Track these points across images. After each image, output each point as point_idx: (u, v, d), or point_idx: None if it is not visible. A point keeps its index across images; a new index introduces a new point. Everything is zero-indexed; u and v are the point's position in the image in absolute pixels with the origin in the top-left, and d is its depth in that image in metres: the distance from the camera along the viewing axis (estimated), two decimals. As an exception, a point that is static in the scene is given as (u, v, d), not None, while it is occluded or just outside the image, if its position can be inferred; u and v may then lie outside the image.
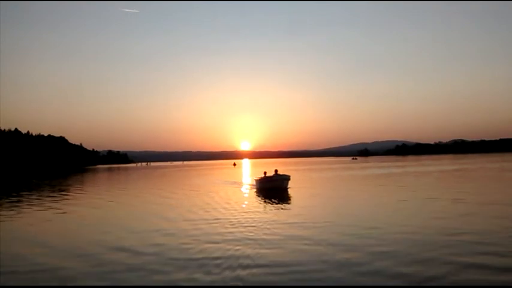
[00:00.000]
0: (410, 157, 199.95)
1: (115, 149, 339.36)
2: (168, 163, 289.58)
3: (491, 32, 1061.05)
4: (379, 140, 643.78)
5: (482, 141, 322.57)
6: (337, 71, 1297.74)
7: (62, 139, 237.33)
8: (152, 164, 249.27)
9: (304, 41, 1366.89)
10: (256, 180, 30.38)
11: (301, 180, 39.85)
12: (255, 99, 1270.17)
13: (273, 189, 26.79)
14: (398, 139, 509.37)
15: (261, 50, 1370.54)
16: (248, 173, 70.68)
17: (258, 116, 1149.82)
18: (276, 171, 29.69)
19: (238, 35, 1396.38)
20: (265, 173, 30.97)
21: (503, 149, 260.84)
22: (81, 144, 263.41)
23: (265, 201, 21.81)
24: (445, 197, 20.31)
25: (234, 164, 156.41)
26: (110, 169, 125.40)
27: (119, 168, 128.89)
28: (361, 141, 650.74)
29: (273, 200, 21.95)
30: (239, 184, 37.54)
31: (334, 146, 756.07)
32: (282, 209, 18.68)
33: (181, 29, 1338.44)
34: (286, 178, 28.16)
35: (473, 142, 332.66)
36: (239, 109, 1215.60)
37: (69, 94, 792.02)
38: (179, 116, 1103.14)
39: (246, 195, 26.65)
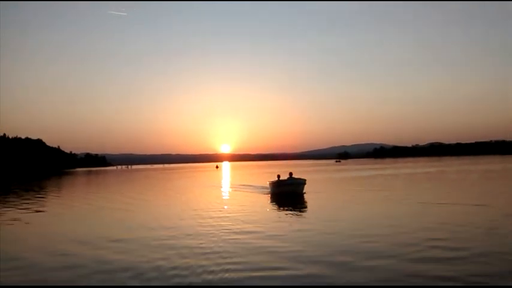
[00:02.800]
0: (388, 160, 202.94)
1: (93, 151, 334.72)
2: (149, 166, 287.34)
3: (468, 37, 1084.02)
4: (358, 143, 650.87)
5: (458, 144, 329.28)
6: (315, 75, 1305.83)
7: (39, 142, 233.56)
8: (133, 167, 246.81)
9: (284, 44, 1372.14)
10: (269, 184, 28.26)
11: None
12: (235, 102, 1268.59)
13: (287, 195, 24.49)
14: (377, 142, 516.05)
15: (241, 53, 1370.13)
16: (228, 175, 71.05)
17: (238, 119, 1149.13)
18: (290, 174, 27.08)
19: (218, 39, 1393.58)
20: (278, 176, 28.28)
21: (478, 152, 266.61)
22: (58, 147, 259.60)
23: (280, 208, 19.88)
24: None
25: (217, 167, 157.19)
26: (89, 172, 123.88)
27: (97, 172, 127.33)
28: (340, 144, 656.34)
29: (287, 208, 19.69)
30: (241, 187, 36.20)
31: (314, 148, 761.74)
32: (302, 222, 15.92)
33: (160, 33, 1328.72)
34: (302, 182, 25.90)
35: (449, 145, 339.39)
36: (219, 112, 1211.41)
37: (46, 96, 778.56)
38: (158, 119, 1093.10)
39: (260, 202, 23.35)
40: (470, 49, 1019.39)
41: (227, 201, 25.40)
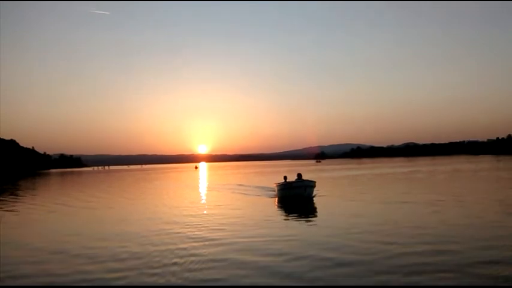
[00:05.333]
0: (365, 160, 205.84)
1: (67, 152, 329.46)
2: (126, 167, 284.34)
3: (446, 38, 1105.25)
4: (335, 144, 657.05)
5: (433, 145, 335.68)
6: (292, 76, 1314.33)
7: (12, 142, 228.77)
8: (110, 168, 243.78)
9: (261, 46, 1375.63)
10: (276, 186, 25.45)
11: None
12: (212, 103, 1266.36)
13: (294, 198, 21.87)
14: (353, 142, 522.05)
15: (218, 54, 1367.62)
16: (205, 176, 71.19)
17: (215, 120, 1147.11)
18: (298, 175, 23.70)
19: (195, 40, 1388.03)
20: (285, 177, 25.74)
21: (452, 152, 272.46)
22: (33, 147, 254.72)
23: (287, 214, 17.75)
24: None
25: (196, 167, 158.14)
26: (64, 173, 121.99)
27: (72, 173, 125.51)
28: (317, 145, 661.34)
29: (296, 214, 17.59)
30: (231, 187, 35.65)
31: (291, 149, 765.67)
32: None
33: (138, 34, 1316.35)
34: (310, 184, 22.70)
35: (424, 145, 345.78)
36: (196, 113, 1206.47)
37: (19, 95, 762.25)
38: (134, 119, 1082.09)
39: (266, 207, 20.98)
40: (446, 51, 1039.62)
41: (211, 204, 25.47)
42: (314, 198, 22.23)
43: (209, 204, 22.92)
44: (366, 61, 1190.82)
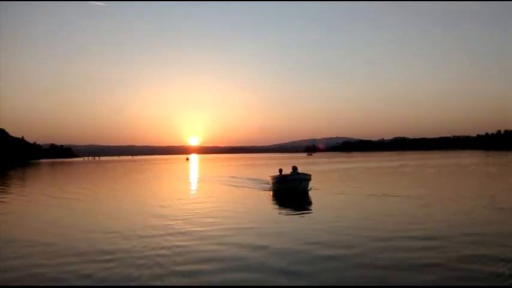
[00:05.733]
0: (355, 153, 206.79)
1: (58, 142, 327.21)
2: (116, 157, 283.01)
3: (437, 35, 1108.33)
4: (325, 137, 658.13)
5: (423, 139, 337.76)
6: (284, 70, 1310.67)
7: (2, 131, 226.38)
8: (101, 158, 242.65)
9: (254, 40, 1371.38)
10: (271, 179, 24.99)
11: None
12: (204, 95, 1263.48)
13: (288, 191, 21.51)
14: (344, 136, 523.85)
15: (212, 47, 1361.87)
16: (197, 168, 71.22)
17: (207, 112, 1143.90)
18: (294, 168, 23.46)
19: (189, 31, 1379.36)
20: (280, 170, 25.13)
21: (441, 147, 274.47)
22: (22, 137, 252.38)
23: (279, 207, 17.79)
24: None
25: (187, 159, 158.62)
26: (54, 164, 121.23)
27: (63, 163, 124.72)
28: (308, 138, 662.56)
29: (289, 207, 17.39)
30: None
31: (282, 142, 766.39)
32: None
33: (131, 23, 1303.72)
34: (306, 178, 22.49)
35: (414, 139, 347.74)
36: (187, 104, 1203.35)
37: (10, 84, 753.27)
38: (126, 110, 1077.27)
39: (260, 200, 20.97)
40: (437, 47, 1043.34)
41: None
42: (309, 192, 21.98)
43: (201, 197, 22.83)
44: (357, 56, 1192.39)
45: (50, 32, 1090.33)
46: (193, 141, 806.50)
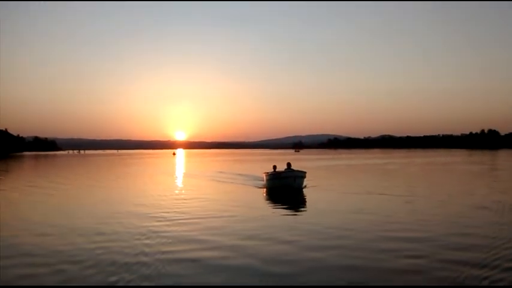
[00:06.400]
0: (342, 150, 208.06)
1: (41, 135, 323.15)
2: (101, 151, 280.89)
3: (423, 33, 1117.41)
4: (312, 134, 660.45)
5: (408, 137, 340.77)
6: (272, 66, 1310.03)
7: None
8: (85, 152, 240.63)
9: (241, 35, 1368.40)
10: (265, 176, 24.16)
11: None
12: (191, 90, 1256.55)
13: (282, 189, 20.97)
14: (330, 133, 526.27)
15: (197, 40, 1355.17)
16: (184, 163, 71.02)
17: (193, 107, 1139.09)
18: (288, 164, 23.05)
19: (176, 23, 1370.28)
20: (274, 167, 24.68)
21: (427, 145, 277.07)
22: (6, 129, 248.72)
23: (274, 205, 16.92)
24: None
25: (174, 154, 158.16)
26: (38, 157, 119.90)
27: (47, 156, 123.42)
28: (295, 134, 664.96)
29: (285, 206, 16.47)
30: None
31: (269, 138, 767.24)
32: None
33: (115, 16, 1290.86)
34: (300, 175, 21.88)
35: (399, 138, 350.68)
36: (174, 99, 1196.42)
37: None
38: (111, 103, 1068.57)
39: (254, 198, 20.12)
40: (422, 45, 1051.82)
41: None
42: (304, 190, 21.48)
43: (192, 194, 22.30)
44: (345, 54, 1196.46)
45: (31, 23, 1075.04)
46: (180, 136, 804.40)
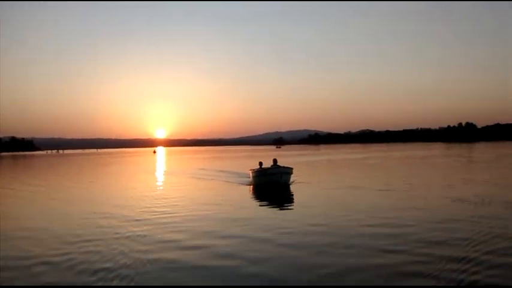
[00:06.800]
0: (323, 146, 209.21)
1: (18, 135, 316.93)
2: (80, 151, 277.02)
3: (397, 29, 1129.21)
4: (293, 130, 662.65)
5: (388, 132, 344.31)
6: (252, 63, 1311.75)
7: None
8: (65, 151, 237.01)
9: (221, 32, 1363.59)
10: (251, 173, 24.03)
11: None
12: (170, 88, 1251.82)
13: (269, 185, 20.89)
14: (311, 129, 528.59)
15: (177, 40, 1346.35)
16: (164, 160, 70.62)
17: (173, 105, 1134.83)
18: (274, 161, 22.93)
19: (153, 23, 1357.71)
20: (260, 163, 24.32)
21: (406, 139, 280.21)
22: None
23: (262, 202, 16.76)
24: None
25: (154, 152, 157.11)
26: (15, 157, 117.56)
27: (25, 157, 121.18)
28: (275, 130, 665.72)
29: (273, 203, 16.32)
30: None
31: (249, 134, 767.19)
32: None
33: (96, 15, 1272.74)
34: (287, 171, 21.72)
35: (379, 132, 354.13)
36: (153, 97, 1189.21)
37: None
38: (89, 102, 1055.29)
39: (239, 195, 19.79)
40: (401, 42, 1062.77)
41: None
42: (291, 186, 21.34)
43: (175, 192, 22.33)
44: (325, 50, 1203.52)
45: (10, 22, 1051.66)
46: (160, 134, 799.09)
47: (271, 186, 20.62)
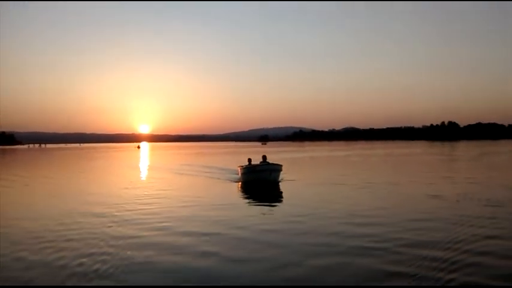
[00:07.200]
0: (307, 143, 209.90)
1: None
2: (63, 145, 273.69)
3: (380, 29, 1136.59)
4: (278, 126, 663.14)
5: (371, 130, 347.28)
6: (238, 59, 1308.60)
7: None
8: (47, 146, 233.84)
9: (206, 28, 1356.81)
10: (240, 170, 23.42)
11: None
12: (155, 83, 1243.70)
13: (258, 182, 20.36)
14: (296, 125, 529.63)
15: (161, 36, 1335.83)
16: (148, 156, 70.16)
17: (157, 100, 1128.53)
18: (263, 157, 22.42)
19: (138, 18, 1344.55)
20: (249, 160, 24.21)
21: (389, 137, 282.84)
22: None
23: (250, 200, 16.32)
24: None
25: (138, 147, 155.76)
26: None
27: (4, 151, 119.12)
28: (260, 127, 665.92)
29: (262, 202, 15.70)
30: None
31: (234, 131, 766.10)
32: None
33: (81, 8, 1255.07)
34: (276, 168, 21.20)
35: (363, 130, 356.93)
36: (137, 92, 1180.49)
37: None
38: (73, 96, 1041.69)
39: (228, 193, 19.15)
40: (384, 40, 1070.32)
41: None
42: (280, 183, 20.90)
43: (163, 188, 21.69)
44: (310, 48, 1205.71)
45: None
46: (144, 129, 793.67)
47: (260, 184, 20.09)
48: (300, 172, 28.98)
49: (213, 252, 8.54)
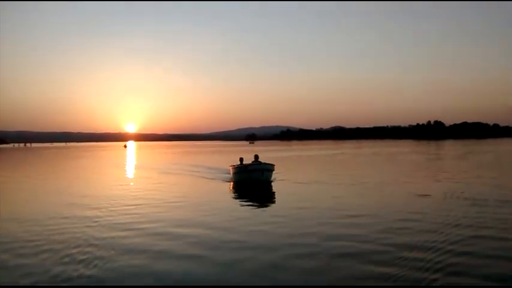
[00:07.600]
0: (295, 142, 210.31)
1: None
2: (49, 144, 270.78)
3: (368, 28, 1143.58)
4: (265, 125, 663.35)
5: (358, 129, 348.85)
6: (225, 59, 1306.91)
7: None
8: (32, 145, 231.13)
9: (194, 27, 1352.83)
10: (231, 169, 23.14)
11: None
12: (142, 82, 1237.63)
13: (250, 182, 20.13)
14: (283, 125, 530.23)
15: (148, 35, 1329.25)
16: (135, 155, 69.72)
17: (144, 99, 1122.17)
18: (255, 157, 22.19)
19: (124, 18, 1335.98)
20: (241, 159, 23.87)
21: (376, 136, 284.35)
22: None
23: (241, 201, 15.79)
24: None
25: (125, 146, 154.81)
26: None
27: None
28: (248, 126, 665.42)
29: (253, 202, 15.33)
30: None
31: (222, 130, 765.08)
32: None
33: (66, 9, 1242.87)
34: (268, 168, 20.95)
35: (350, 129, 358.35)
36: (124, 91, 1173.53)
37: None
38: (59, 95, 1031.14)
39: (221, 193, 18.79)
40: (371, 40, 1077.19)
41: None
42: (272, 183, 20.64)
43: (154, 187, 21.74)
44: (297, 48, 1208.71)
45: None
46: (131, 128, 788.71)
47: (252, 184, 19.86)
48: (289, 171, 28.94)
49: (197, 255, 8.39)
